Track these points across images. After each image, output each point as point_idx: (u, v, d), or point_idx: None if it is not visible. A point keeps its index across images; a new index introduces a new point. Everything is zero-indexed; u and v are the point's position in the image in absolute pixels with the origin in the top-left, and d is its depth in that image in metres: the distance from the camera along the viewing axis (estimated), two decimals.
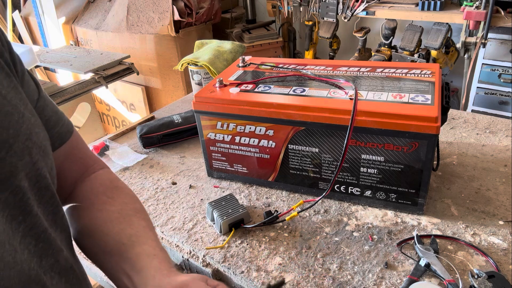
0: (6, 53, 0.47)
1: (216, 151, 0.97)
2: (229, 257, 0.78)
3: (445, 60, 2.21)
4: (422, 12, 2.09)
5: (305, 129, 0.83)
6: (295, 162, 0.89)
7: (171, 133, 1.17)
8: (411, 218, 0.84)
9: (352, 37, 2.58)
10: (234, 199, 0.88)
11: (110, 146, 1.18)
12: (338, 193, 0.89)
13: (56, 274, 0.45)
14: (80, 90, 1.97)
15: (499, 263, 0.71)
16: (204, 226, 0.87)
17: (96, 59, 2.14)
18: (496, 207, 0.85)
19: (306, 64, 1.02)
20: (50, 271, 0.44)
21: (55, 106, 0.57)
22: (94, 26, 2.75)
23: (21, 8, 3.16)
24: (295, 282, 0.71)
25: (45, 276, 0.43)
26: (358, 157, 0.82)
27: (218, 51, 1.37)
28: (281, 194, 0.95)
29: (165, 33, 2.45)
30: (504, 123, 1.15)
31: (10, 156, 0.39)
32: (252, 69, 1.03)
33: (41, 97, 0.53)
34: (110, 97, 2.93)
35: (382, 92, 0.83)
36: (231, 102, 0.88)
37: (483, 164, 0.99)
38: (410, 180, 0.80)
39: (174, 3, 2.42)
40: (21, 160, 0.41)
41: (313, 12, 2.46)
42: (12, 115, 0.41)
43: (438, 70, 0.91)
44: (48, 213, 0.46)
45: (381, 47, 2.35)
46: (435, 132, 0.73)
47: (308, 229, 0.83)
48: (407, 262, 0.73)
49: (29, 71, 0.53)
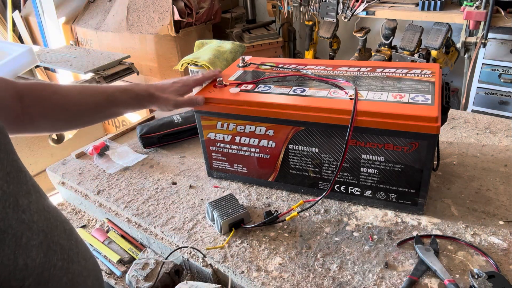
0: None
1: (216, 151, 0.97)
2: (229, 257, 0.78)
3: (445, 60, 2.21)
4: (422, 12, 2.09)
5: (305, 129, 0.83)
6: (295, 162, 0.89)
7: (171, 133, 1.17)
8: (411, 218, 0.84)
9: (352, 37, 2.58)
10: (234, 199, 0.88)
11: (110, 146, 1.18)
12: (338, 193, 0.89)
13: (35, 213, 0.49)
14: None
15: (499, 263, 0.71)
16: (204, 226, 0.87)
17: (96, 59, 2.14)
18: (496, 207, 0.85)
19: (306, 64, 1.02)
20: (29, 210, 0.49)
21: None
22: (94, 26, 2.75)
23: (21, 8, 3.16)
24: (295, 282, 0.71)
25: (23, 214, 0.47)
26: (358, 157, 0.82)
27: (218, 51, 1.37)
28: (281, 194, 0.95)
29: (165, 33, 2.45)
30: (504, 123, 1.15)
31: None
32: (252, 69, 1.03)
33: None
34: None
35: (382, 92, 0.83)
36: (231, 102, 0.88)
37: (483, 164, 0.99)
38: (410, 180, 0.80)
39: (174, 3, 2.42)
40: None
41: (313, 12, 2.46)
42: None
43: (438, 70, 0.91)
44: (7, 159, 0.50)
45: (381, 47, 2.35)
46: (435, 132, 0.73)
47: (308, 229, 0.83)
48: (407, 262, 0.73)
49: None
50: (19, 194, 0.48)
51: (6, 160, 0.49)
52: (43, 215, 0.51)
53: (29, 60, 1.74)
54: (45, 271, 0.48)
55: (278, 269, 0.74)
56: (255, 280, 0.73)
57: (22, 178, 0.51)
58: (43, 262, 0.48)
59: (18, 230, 0.46)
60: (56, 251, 0.50)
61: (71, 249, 0.54)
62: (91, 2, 2.90)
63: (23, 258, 0.45)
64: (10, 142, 0.52)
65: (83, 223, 1.06)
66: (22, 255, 0.45)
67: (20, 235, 0.46)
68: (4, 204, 0.45)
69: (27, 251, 0.46)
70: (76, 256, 0.54)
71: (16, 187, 0.48)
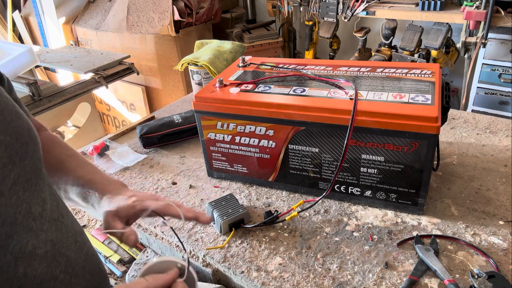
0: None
1: (216, 151, 0.97)
2: (229, 257, 0.78)
3: (445, 60, 2.21)
4: (422, 12, 2.09)
5: (305, 129, 0.83)
6: (295, 162, 0.89)
7: (171, 133, 1.17)
8: (411, 218, 0.84)
9: (352, 37, 2.58)
10: (234, 199, 0.88)
11: (110, 146, 1.18)
12: (338, 193, 0.89)
13: (46, 222, 0.49)
14: (80, 90, 1.97)
15: (499, 263, 0.71)
16: (204, 226, 0.87)
17: (96, 59, 2.14)
18: (496, 207, 0.85)
19: (306, 64, 1.02)
20: (40, 218, 0.49)
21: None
22: (94, 26, 2.75)
23: (21, 8, 3.16)
24: (295, 282, 0.71)
25: (33, 222, 0.47)
26: (358, 157, 0.82)
27: (218, 51, 1.37)
28: (281, 194, 0.95)
29: (165, 33, 2.45)
30: (504, 123, 1.15)
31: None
32: (252, 69, 1.03)
33: (11, 85, 0.62)
34: (110, 97, 2.93)
35: (382, 92, 0.83)
36: (231, 102, 0.88)
37: (483, 164, 0.99)
38: (410, 180, 0.80)
39: (174, 3, 2.42)
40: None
41: (313, 12, 2.46)
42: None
43: (438, 70, 0.91)
44: (30, 166, 0.50)
45: (381, 47, 2.35)
46: (435, 132, 0.73)
47: (308, 229, 0.83)
48: (407, 262, 0.73)
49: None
50: (33, 201, 0.48)
51: (30, 167, 0.49)
52: (54, 225, 0.50)
53: (29, 60, 1.74)
54: (45, 282, 0.47)
55: (278, 269, 0.74)
56: (255, 280, 0.73)
57: (40, 186, 0.51)
58: (44, 272, 0.47)
59: (24, 237, 0.45)
60: (61, 263, 0.50)
61: (77, 262, 0.53)
62: (91, 2, 2.90)
63: (23, 266, 0.45)
64: (39, 150, 0.53)
65: (83, 223, 1.06)
66: (24, 263, 0.45)
67: (26, 242, 0.45)
68: (16, 209, 0.45)
69: (30, 260, 0.46)
70: (82, 270, 0.53)
71: (32, 194, 0.48)
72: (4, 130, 0.47)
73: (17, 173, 0.47)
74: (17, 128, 0.49)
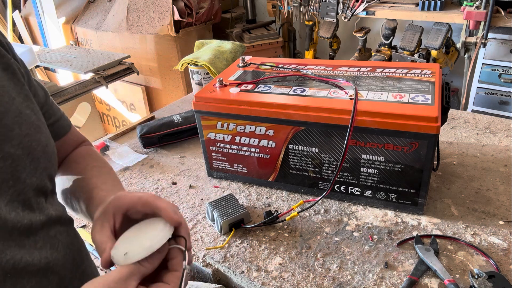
0: (11, 57, 0.54)
1: (216, 151, 0.97)
2: (229, 257, 0.78)
3: (445, 60, 2.21)
4: (422, 12, 2.09)
5: (305, 129, 0.83)
6: (295, 162, 0.89)
7: (171, 133, 1.17)
8: (411, 218, 0.84)
9: (352, 37, 2.58)
10: (234, 199, 0.88)
11: (110, 146, 1.18)
12: (338, 193, 0.89)
13: (40, 239, 0.49)
14: (80, 90, 1.97)
15: (499, 263, 0.71)
16: (204, 226, 0.87)
17: (96, 59, 2.14)
18: (496, 207, 0.85)
19: (306, 64, 1.02)
20: (34, 236, 0.48)
21: (57, 106, 0.66)
22: (94, 26, 2.75)
23: (21, 8, 3.16)
24: (295, 282, 0.71)
25: (26, 239, 0.46)
26: (358, 157, 0.82)
27: (218, 51, 1.37)
28: (281, 194, 0.95)
29: (165, 33, 2.45)
30: (504, 123, 1.15)
31: (0, 127, 0.46)
32: (252, 69, 1.03)
33: (48, 99, 0.63)
34: (110, 97, 2.93)
35: (382, 92, 0.83)
36: (231, 102, 0.88)
37: (483, 164, 0.99)
38: (410, 180, 0.80)
39: (174, 3, 2.42)
40: (11, 131, 0.47)
41: (313, 12, 2.46)
42: (2, 97, 0.48)
43: (438, 70, 0.91)
44: (37, 183, 0.49)
45: (381, 47, 2.35)
46: (435, 132, 0.73)
47: (308, 229, 0.83)
48: (407, 262, 0.73)
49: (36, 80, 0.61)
50: (34, 218, 0.48)
51: (37, 185, 0.49)
52: (49, 243, 0.50)
53: (29, 60, 1.74)
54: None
55: (278, 269, 0.74)
56: (255, 280, 0.73)
57: (42, 204, 0.50)
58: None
59: (18, 254, 0.45)
60: (52, 281, 0.49)
61: (71, 281, 0.52)
62: (91, 2, 2.90)
63: (12, 283, 0.44)
64: (52, 167, 0.53)
65: (83, 223, 1.06)
66: (12, 280, 0.44)
67: (19, 258, 0.45)
68: (15, 225, 0.45)
69: (19, 277, 0.45)
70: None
71: (33, 211, 0.48)
72: (17, 143, 0.47)
73: (17, 190, 0.46)
74: (31, 143, 0.49)
